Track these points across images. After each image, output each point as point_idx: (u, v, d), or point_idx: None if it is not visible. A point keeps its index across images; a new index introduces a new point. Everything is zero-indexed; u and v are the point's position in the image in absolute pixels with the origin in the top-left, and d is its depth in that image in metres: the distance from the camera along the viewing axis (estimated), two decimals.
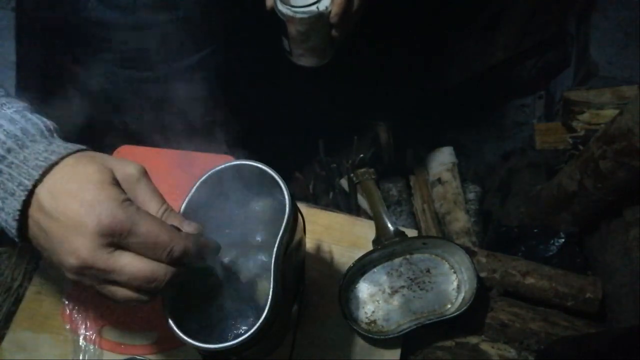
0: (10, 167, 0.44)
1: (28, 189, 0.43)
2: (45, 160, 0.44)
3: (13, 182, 0.44)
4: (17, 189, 0.43)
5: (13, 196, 0.44)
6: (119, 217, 0.43)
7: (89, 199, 0.43)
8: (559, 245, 1.01)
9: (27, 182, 0.43)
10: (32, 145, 0.46)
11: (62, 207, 0.43)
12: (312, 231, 0.81)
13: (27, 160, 0.44)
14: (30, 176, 0.44)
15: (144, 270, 0.44)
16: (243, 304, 0.55)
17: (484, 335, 0.82)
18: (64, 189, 0.44)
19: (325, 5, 0.74)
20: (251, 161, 0.53)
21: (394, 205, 1.27)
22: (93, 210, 0.42)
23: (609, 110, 1.07)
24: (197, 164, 0.81)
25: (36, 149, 0.45)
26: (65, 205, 0.43)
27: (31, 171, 0.44)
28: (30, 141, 0.46)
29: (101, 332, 0.73)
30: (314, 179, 1.40)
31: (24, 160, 0.44)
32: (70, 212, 0.43)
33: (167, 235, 0.44)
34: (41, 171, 0.44)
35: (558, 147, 1.18)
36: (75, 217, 0.42)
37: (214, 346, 0.46)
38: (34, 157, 0.44)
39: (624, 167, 0.83)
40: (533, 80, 1.53)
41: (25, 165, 0.44)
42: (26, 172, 0.44)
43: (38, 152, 0.45)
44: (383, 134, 1.31)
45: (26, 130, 0.46)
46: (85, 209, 0.42)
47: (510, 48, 1.47)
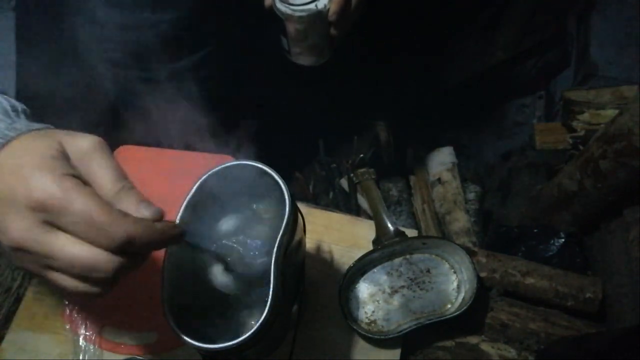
0: None
1: None
2: (3, 137, 0.42)
3: None
4: None
5: None
6: (51, 191, 0.38)
7: (25, 173, 0.39)
8: (559, 245, 1.01)
9: None
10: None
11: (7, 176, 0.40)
12: (312, 231, 0.81)
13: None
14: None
15: (82, 256, 0.39)
16: (243, 304, 0.55)
17: (484, 335, 0.82)
18: (8, 163, 0.41)
19: (324, 3, 0.74)
20: (251, 161, 0.52)
21: (394, 205, 1.27)
22: (26, 184, 0.39)
23: (609, 110, 1.07)
24: (197, 164, 0.81)
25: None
26: (3, 180, 0.40)
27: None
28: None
29: (101, 332, 0.73)
30: (314, 179, 1.40)
31: None
32: (5, 187, 0.39)
33: (106, 217, 0.39)
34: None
35: (558, 147, 1.18)
36: (8, 191, 0.39)
37: (214, 346, 0.46)
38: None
39: (624, 167, 0.83)
40: (533, 80, 1.53)
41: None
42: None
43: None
44: (383, 134, 1.31)
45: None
46: (19, 182, 0.39)
47: (510, 48, 1.47)
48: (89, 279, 0.40)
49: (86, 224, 0.38)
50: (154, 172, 0.82)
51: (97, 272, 0.39)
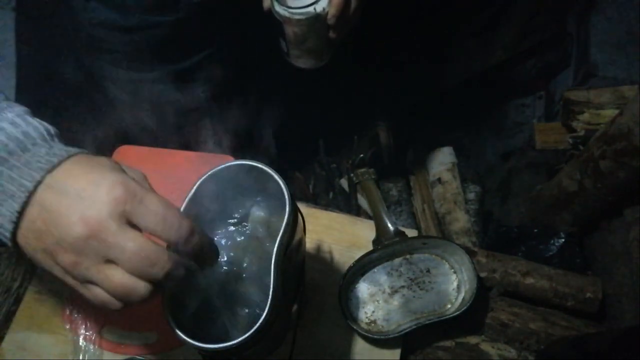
0: (11, 169, 0.44)
1: (29, 190, 0.43)
2: (47, 162, 0.44)
3: (13, 184, 0.43)
4: (17, 191, 0.43)
5: (12, 198, 0.43)
6: (131, 186, 0.43)
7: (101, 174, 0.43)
8: (559, 245, 1.01)
9: (28, 184, 0.43)
10: (34, 148, 0.45)
11: (72, 184, 0.43)
12: (312, 231, 0.81)
13: (29, 163, 0.44)
14: (31, 178, 0.43)
15: (148, 249, 0.43)
16: (243, 304, 0.55)
17: (484, 335, 0.82)
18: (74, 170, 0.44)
19: (322, 6, 0.74)
20: (251, 161, 0.52)
21: (394, 205, 1.27)
22: (106, 180, 0.43)
23: (609, 110, 1.07)
24: (197, 164, 0.81)
25: (38, 152, 0.45)
26: (77, 181, 0.43)
27: (33, 173, 0.43)
28: (31, 144, 0.46)
29: (101, 332, 0.73)
30: (314, 179, 1.40)
31: (25, 164, 0.44)
32: (82, 185, 0.43)
33: (176, 215, 0.44)
34: (43, 173, 0.43)
35: (558, 147, 1.18)
36: (88, 188, 0.43)
37: (214, 346, 0.46)
38: (36, 160, 0.44)
39: (624, 167, 0.83)
40: (533, 80, 1.53)
41: (27, 168, 0.44)
42: (28, 174, 0.43)
43: (40, 155, 0.45)
44: (383, 134, 1.31)
45: (27, 133, 0.46)
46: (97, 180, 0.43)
47: (510, 48, 1.47)
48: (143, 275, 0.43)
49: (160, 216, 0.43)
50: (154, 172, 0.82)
51: (156, 266, 0.43)
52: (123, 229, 0.42)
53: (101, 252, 0.42)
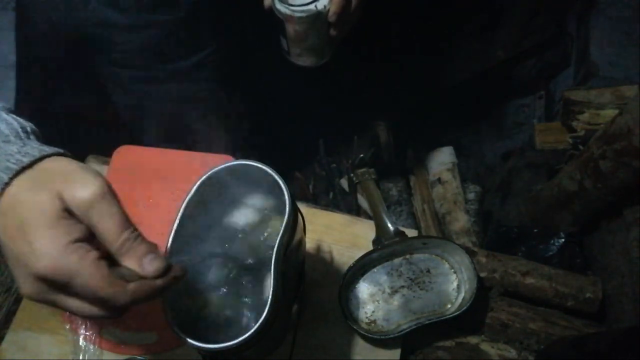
0: None
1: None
2: (17, 162, 0.42)
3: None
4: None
5: None
6: (60, 264, 0.40)
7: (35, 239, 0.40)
8: (559, 245, 1.01)
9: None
10: (5, 146, 0.43)
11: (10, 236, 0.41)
12: (312, 231, 0.81)
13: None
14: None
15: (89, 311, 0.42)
16: (243, 303, 0.55)
17: (484, 335, 0.82)
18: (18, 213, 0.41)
19: (323, 4, 0.74)
20: (251, 161, 0.52)
21: (394, 205, 1.27)
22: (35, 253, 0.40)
23: (609, 110, 1.07)
24: (197, 164, 0.81)
25: (8, 150, 0.43)
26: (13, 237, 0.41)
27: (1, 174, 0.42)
28: (2, 142, 0.44)
29: (101, 332, 0.73)
30: (314, 179, 1.40)
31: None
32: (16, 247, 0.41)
33: (109, 290, 0.41)
34: (11, 174, 0.42)
35: (558, 147, 1.18)
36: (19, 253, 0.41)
37: (214, 346, 0.46)
38: (6, 159, 0.42)
39: (624, 167, 0.83)
40: (533, 80, 1.53)
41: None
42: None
43: (10, 153, 0.43)
44: (383, 134, 1.31)
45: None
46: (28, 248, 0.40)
47: (510, 48, 1.47)
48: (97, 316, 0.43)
49: (91, 294, 0.41)
50: (154, 172, 0.82)
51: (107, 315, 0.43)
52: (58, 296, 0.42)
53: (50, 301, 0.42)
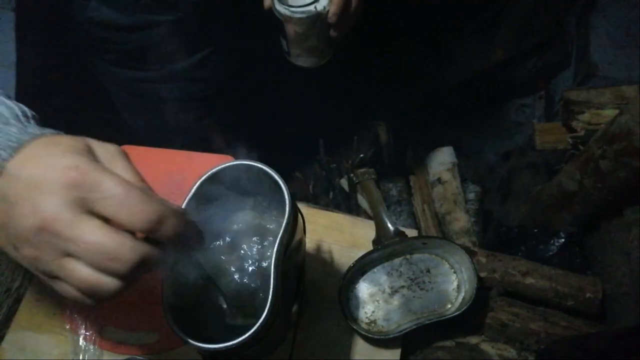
0: None
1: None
2: (17, 141, 0.41)
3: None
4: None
5: None
6: (85, 168, 0.38)
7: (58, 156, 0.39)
8: (559, 245, 1.01)
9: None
10: (5, 127, 0.43)
11: (27, 169, 0.39)
12: (312, 231, 0.81)
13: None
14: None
15: (106, 240, 0.38)
16: (243, 303, 0.55)
17: (484, 335, 0.82)
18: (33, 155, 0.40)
19: (323, 5, 0.74)
20: (251, 161, 0.52)
21: (394, 205, 1.27)
22: (58, 164, 0.38)
23: (609, 110, 1.07)
24: (197, 164, 0.81)
25: (8, 131, 0.42)
26: (31, 167, 0.39)
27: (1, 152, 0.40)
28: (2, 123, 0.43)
29: (101, 332, 0.73)
30: (314, 179, 1.40)
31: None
32: (34, 171, 0.39)
33: (140, 194, 0.39)
34: (11, 151, 0.41)
35: (558, 147, 1.18)
36: (39, 174, 0.39)
37: (214, 346, 0.46)
38: (6, 139, 0.41)
39: (624, 167, 0.83)
40: (533, 80, 1.53)
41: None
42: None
43: (10, 133, 0.42)
44: (383, 134, 1.31)
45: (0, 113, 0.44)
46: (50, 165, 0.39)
47: (510, 48, 1.48)
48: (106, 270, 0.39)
49: (119, 201, 0.38)
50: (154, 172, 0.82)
51: (118, 260, 0.38)
52: (78, 220, 0.38)
53: (58, 246, 0.39)
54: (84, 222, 0.38)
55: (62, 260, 0.39)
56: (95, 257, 0.38)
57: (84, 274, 0.39)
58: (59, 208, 0.38)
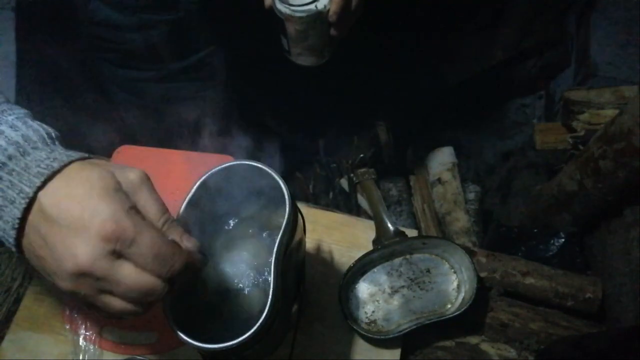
0: (11, 174, 0.43)
1: (29, 197, 0.42)
2: (47, 167, 0.43)
3: (14, 189, 0.42)
4: (17, 197, 0.42)
5: (13, 204, 0.42)
6: (123, 224, 0.41)
7: (93, 204, 0.41)
8: (559, 245, 1.01)
9: (28, 190, 0.42)
10: (34, 152, 0.44)
11: (64, 212, 0.41)
12: (312, 231, 0.81)
13: (29, 167, 0.43)
14: (31, 183, 0.42)
15: (143, 283, 0.43)
16: (243, 303, 0.55)
17: (484, 335, 0.82)
18: (67, 194, 0.42)
19: (323, 3, 0.74)
20: (251, 161, 0.52)
21: (394, 205, 1.27)
22: (98, 215, 0.41)
23: (609, 110, 1.07)
24: (197, 164, 0.81)
25: (38, 156, 0.44)
26: (68, 209, 0.41)
27: (33, 178, 0.42)
28: (31, 148, 0.44)
29: (101, 332, 0.73)
30: (314, 179, 1.40)
31: (25, 168, 0.43)
32: (73, 217, 0.41)
33: (169, 250, 0.44)
34: (43, 178, 0.42)
35: (558, 147, 1.18)
36: (78, 221, 0.41)
37: (214, 346, 0.46)
38: (36, 165, 0.43)
39: (624, 167, 0.83)
40: (533, 80, 1.53)
41: (27, 173, 0.43)
42: (27, 179, 0.42)
43: (40, 159, 0.43)
44: (383, 134, 1.31)
45: (27, 137, 0.45)
46: (89, 213, 0.41)
47: (510, 48, 1.47)
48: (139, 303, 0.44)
49: (152, 255, 0.42)
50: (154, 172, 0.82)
51: (152, 296, 0.43)
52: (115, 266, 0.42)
53: (96, 286, 0.43)
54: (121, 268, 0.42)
55: (99, 296, 0.44)
56: (131, 295, 0.43)
57: (121, 305, 0.44)
58: (96, 257, 0.41)
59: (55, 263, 0.42)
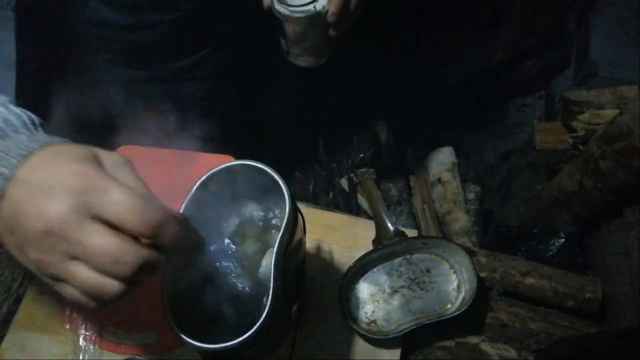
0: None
1: (6, 177, 0.41)
2: (26, 149, 0.42)
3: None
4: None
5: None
6: (92, 176, 0.40)
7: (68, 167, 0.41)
8: (559, 245, 1.01)
9: (5, 171, 0.41)
10: (15, 135, 0.44)
11: (38, 177, 0.41)
12: (312, 231, 0.81)
13: (9, 150, 0.42)
14: (9, 164, 0.41)
15: (112, 245, 0.39)
16: (243, 304, 0.55)
17: (484, 335, 0.82)
18: (43, 163, 0.42)
19: (322, 4, 0.74)
20: (251, 161, 0.52)
21: (394, 205, 1.27)
22: (65, 170, 0.40)
23: (609, 110, 1.07)
24: (197, 164, 0.81)
25: (18, 139, 0.44)
26: (42, 174, 0.41)
27: (11, 159, 0.42)
28: (12, 132, 0.44)
29: (101, 332, 0.73)
30: (314, 179, 1.40)
31: (5, 151, 0.42)
32: (41, 176, 0.40)
33: (144, 205, 0.40)
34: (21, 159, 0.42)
35: (558, 147, 1.18)
36: (46, 179, 0.40)
37: (214, 346, 0.46)
38: (17, 147, 0.43)
39: (624, 167, 0.83)
40: (533, 80, 1.53)
41: (7, 156, 0.42)
42: (6, 161, 0.42)
43: (20, 142, 0.43)
44: (383, 134, 1.31)
45: (9, 121, 0.45)
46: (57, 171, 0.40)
47: (510, 48, 1.48)
48: (109, 273, 0.40)
49: (123, 207, 0.40)
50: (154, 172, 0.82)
51: (121, 264, 0.40)
52: (84, 224, 0.39)
53: (64, 249, 0.40)
54: (89, 226, 0.40)
55: (67, 263, 0.41)
56: (99, 260, 0.40)
57: (88, 276, 0.40)
58: (65, 212, 0.39)
59: (23, 228, 0.40)
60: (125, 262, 0.40)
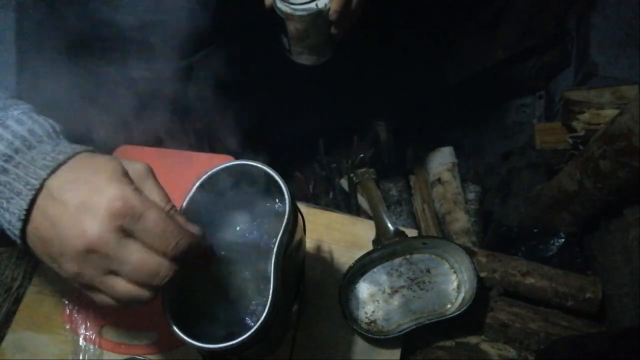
0: (17, 167, 0.44)
1: (35, 188, 0.43)
2: (53, 160, 0.44)
3: (20, 182, 0.43)
4: (24, 189, 0.43)
5: (19, 196, 0.43)
6: (131, 202, 0.43)
7: (102, 184, 0.43)
8: (559, 245, 1.01)
9: (34, 182, 0.43)
10: (39, 145, 0.46)
11: (73, 193, 0.43)
12: (312, 231, 0.81)
13: (35, 160, 0.44)
14: (37, 176, 0.43)
15: (149, 261, 0.43)
16: (243, 303, 0.55)
17: (484, 335, 0.82)
18: (75, 178, 0.44)
19: (324, 2, 0.74)
20: (251, 161, 0.52)
21: (394, 205, 1.27)
22: (106, 194, 0.42)
23: (609, 110, 1.07)
24: (197, 164, 0.81)
25: (43, 149, 0.45)
26: (77, 190, 0.43)
27: (39, 171, 0.43)
28: (37, 142, 0.46)
29: (101, 332, 0.73)
30: (314, 179, 1.40)
31: (31, 161, 0.44)
32: (81, 197, 0.42)
33: (175, 227, 0.44)
34: (49, 170, 0.44)
35: (558, 147, 1.18)
36: (86, 199, 0.42)
37: (214, 346, 0.46)
38: (42, 157, 0.44)
39: (624, 167, 0.83)
40: (533, 80, 1.53)
41: (33, 166, 0.44)
42: (33, 171, 0.43)
43: (45, 152, 0.45)
44: (383, 134, 1.31)
45: (33, 131, 0.46)
46: (97, 192, 0.42)
47: (511, 47, 1.47)
48: (145, 285, 0.44)
49: (158, 231, 0.43)
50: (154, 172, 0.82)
51: (157, 277, 0.44)
52: (123, 243, 0.42)
53: (102, 265, 0.43)
54: (127, 245, 0.43)
55: (105, 277, 0.44)
56: (139, 275, 0.43)
57: (126, 288, 0.44)
58: (106, 233, 0.42)
59: (62, 243, 0.43)
60: (161, 275, 0.44)
